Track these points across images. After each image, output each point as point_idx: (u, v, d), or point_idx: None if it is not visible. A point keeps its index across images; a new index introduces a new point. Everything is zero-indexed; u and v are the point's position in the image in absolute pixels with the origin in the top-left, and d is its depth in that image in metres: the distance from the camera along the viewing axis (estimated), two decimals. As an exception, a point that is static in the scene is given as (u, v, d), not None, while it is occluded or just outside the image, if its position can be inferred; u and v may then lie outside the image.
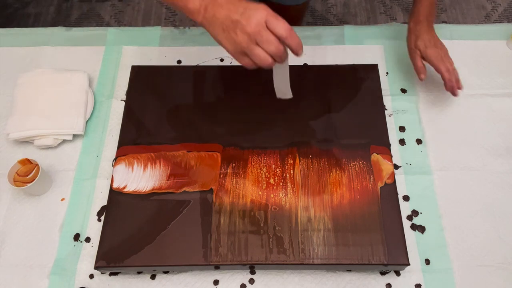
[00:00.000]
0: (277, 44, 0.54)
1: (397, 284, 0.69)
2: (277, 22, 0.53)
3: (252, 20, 0.52)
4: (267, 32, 0.53)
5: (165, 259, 0.67)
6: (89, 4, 1.81)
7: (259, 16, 0.53)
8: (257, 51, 0.54)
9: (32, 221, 0.75)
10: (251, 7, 0.53)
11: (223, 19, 0.54)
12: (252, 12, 0.53)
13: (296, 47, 0.55)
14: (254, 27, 0.52)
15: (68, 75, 0.87)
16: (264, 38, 0.53)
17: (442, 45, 0.83)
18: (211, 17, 0.55)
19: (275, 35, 0.53)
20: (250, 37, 0.53)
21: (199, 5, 0.56)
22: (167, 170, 0.75)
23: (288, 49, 0.57)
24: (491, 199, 0.76)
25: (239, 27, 0.53)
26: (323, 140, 0.77)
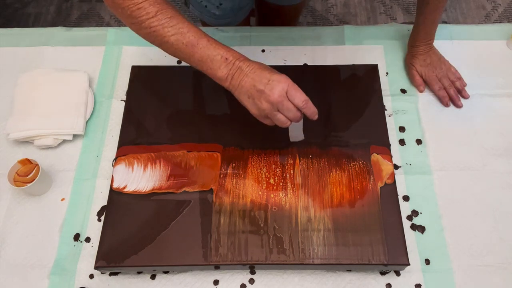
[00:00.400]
0: (295, 111, 0.61)
1: (397, 284, 0.69)
2: (295, 94, 0.60)
3: (275, 91, 0.59)
4: (288, 102, 0.60)
5: (165, 259, 0.67)
6: (89, 4, 1.82)
7: (281, 87, 0.59)
8: (279, 116, 0.62)
9: (32, 221, 0.75)
10: (274, 79, 0.60)
11: (249, 87, 0.61)
12: (275, 83, 0.59)
13: (311, 115, 0.64)
14: (277, 98, 0.59)
15: (68, 75, 0.87)
16: (285, 107, 0.60)
17: (439, 61, 0.87)
18: (238, 85, 0.62)
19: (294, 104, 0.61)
20: (273, 105, 0.60)
21: (226, 74, 0.62)
22: (167, 170, 0.75)
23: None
24: (491, 199, 0.76)
25: (263, 96, 0.60)
26: (323, 140, 0.77)
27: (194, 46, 0.61)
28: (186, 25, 0.62)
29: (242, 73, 0.61)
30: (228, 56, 0.61)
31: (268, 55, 0.92)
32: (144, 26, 0.62)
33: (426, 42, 0.86)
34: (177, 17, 0.62)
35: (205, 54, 0.62)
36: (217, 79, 0.63)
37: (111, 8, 0.64)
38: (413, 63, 0.87)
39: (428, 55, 0.87)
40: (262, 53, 0.92)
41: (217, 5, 0.94)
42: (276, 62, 0.91)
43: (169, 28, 0.61)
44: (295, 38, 0.94)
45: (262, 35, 0.95)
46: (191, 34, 0.61)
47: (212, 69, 0.62)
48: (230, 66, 0.62)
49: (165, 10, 0.61)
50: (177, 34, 0.61)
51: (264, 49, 0.93)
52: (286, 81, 0.60)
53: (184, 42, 0.61)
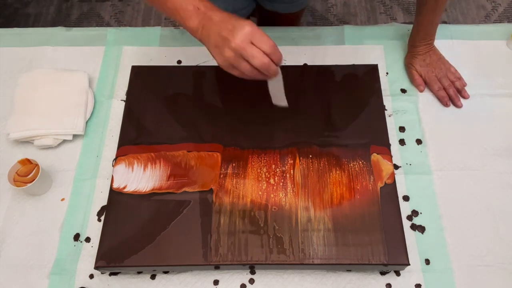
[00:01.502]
0: (261, 57, 0.57)
1: (397, 284, 0.69)
2: (261, 38, 0.57)
3: (237, 37, 0.56)
4: (251, 48, 0.57)
5: (165, 259, 0.67)
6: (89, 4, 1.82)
7: (243, 33, 0.56)
8: (244, 64, 0.58)
9: (32, 221, 0.75)
10: (237, 24, 0.57)
11: (215, 35, 0.59)
12: (238, 29, 0.57)
13: (278, 61, 0.60)
14: (240, 43, 0.56)
15: (68, 75, 0.87)
16: (249, 53, 0.57)
17: (439, 61, 0.87)
18: (207, 34, 0.60)
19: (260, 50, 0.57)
20: (236, 52, 0.57)
21: (197, 24, 0.60)
22: (167, 170, 0.75)
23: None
24: (491, 199, 0.76)
25: (226, 43, 0.57)
26: (323, 140, 0.77)
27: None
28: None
29: (211, 22, 0.59)
30: (200, 6, 0.60)
31: (268, 55, 0.92)
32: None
33: (426, 42, 0.86)
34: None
35: (177, 3, 0.60)
36: (188, 29, 0.61)
37: None
38: (413, 63, 0.87)
39: (428, 55, 0.87)
40: (262, 53, 0.92)
41: None
42: (276, 62, 0.91)
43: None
44: (295, 38, 0.94)
45: (262, 35, 0.94)
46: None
47: (184, 19, 0.61)
48: (201, 15, 0.60)
49: None
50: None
51: (264, 49, 0.93)
52: (250, 26, 0.57)
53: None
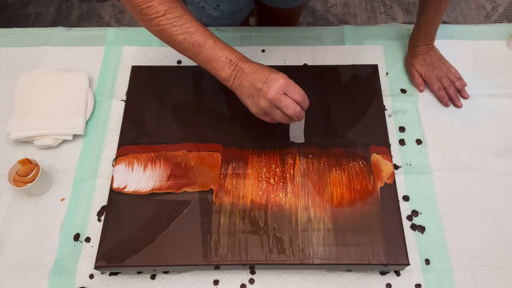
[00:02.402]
0: (294, 107, 0.63)
1: (397, 284, 0.69)
2: (294, 89, 0.62)
3: (272, 89, 0.61)
4: (285, 99, 0.62)
5: (165, 259, 0.67)
6: (89, 4, 1.81)
7: (278, 85, 0.61)
8: (277, 113, 0.63)
9: (32, 221, 0.75)
10: (271, 77, 0.62)
11: (248, 86, 0.63)
12: (273, 81, 0.61)
13: (305, 108, 0.65)
14: (275, 95, 0.61)
15: (68, 75, 0.87)
16: (283, 103, 0.62)
17: (439, 61, 0.88)
18: (239, 85, 0.64)
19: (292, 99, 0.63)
20: (271, 102, 0.62)
21: (229, 74, 0.64)
22: (167, 170, 0.75)
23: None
24: (491, 199, 0.76)
25: (261, 94, 0.62)
26: (323, 140, 0.77)
27: (200, 46, 0.63)
28: (193, 25, 0.64)
29: (243, 73, 0.63)
30: (232, 58, 0.64)
31: (268, 55, 0.92)
32: (153, 23, 0.64)
33: (427, 42, 0.86)
34: (186, 16, 0.64)
35: (210, 54, 0.64)
36: (220, 78, 0.65)
37: (123, 2, 0.65)
38: (413, 63, 0.88)
39: (428, 55, 0.87)
40: (262, 53, 0.92)
41: (215, 6, 0.94)
42: (276, 62, 0.91)
43: (177, 27, 0.63)
44: (295, 38, 0.94)
45: (262, 35, 0.95)
46: (198, 34, 0.63)
47: (216, 69, 0.64)
48: (233, 67, 0.64)
49: (174, 9, 0.63)
50: (184, 34, 0.63)
51: (264, 49, 0.93)
52: (284, 79, 0.62)
53: (191, 41, 0.63)
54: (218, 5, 0.94)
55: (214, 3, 0.94)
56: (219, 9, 0.95)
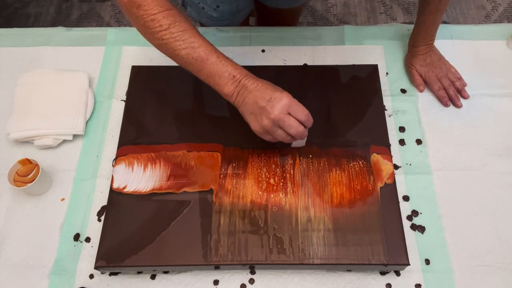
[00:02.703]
0: (297, 127, 0.62)
1: (397, 284, 0.69)
2: (298, 109, 0.62)
3: (275, 109, 0.61)
4: (289, 119, 0.62)
5: (165, 259, 0.67)
6: (89, 4, 1.82)
7: (282, 105, 0.61)
8: (279, 132, 0.63)
9: (32, 221, 0.75)
10: (275, 96, 0.61)
11: (252, 104, 0.63)
12: (277, 101, 0.61)
13: (309, 127, 0.65)
14: (278, 115, 0.61)
15: (68, 75, 0.87)
16: (286, 123, 0.62)
17: (439, 61, 0.88)
18: (242, 101, 0.64)
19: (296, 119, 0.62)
20: (274, 122, 0.62)
21: (232, 91, 0.63)
22: (167, 170, 0.75)
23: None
24: (491, 199, 0.76)
25: (264, 113, 0.62)
26: (323, 140, 0.77)
27: (203, 61, 0.63)
28: (197, 40, 0.63)
29: (247, 91, 0.63)
30: (236, 74, 0.63)
31: (268, 55, 0.92)
32: (156, 37, 0.63)
33: (427, 42, 0.86)
34: (190, 30, 0.63)
35: (213, 70, 0.63)
36: (223, 94, 0.65)
37: (126, 15, 0.65)
38: (413, 63, 0.88)
39: (428, 55, 0.87)
40: (262, 53, 0.92)
41: (214, 7, 0.94)
42: (276, 62, 0.91)
43: (181, 42, 0.62)
44: (295, 38, 0.94)
45: (262, 35, 0.95)
46: (201, 49, 0.63)
47: (219, 85, 0.64)
48: (236, 83, 0.63)
49: (178, 24, 0.63)
50: (188, 48, 0.63)
51: (264, 49, 0.93)
52: (288, 98, 0.62)
53: (194, 56, 0.63)
54: (217, 6, 0.94)
55: (214, 4, 0.94)
56: (218, 10, 0.95)
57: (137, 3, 0.62)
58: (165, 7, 0.63)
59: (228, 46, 0.93)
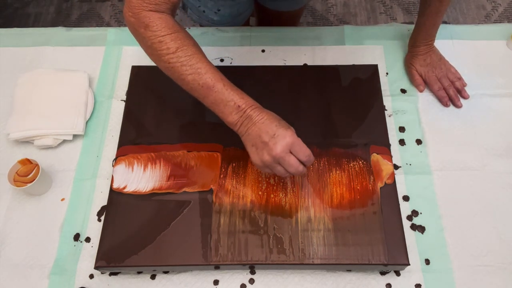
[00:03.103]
0: (297, 167, 0.61)
1: (397, 284, 0.69)
2: (299, 149, 0.61)
3: (278, 146, 0.60)
4: (289, 158, 0.60)
5: (165, 259, 0.67)
6: (89, 4, 1.82)
7: (284, 143, 0.60)
8: (279, 168, 0.62)
9: (32, 221, 0.75)
10: (279, 133, 0.60)
11: (255, 137, 0.62)
12: (280, 138, 0.60)
13: (309, 165, 0.64)
14: (280, 153, 0.60)
15: (68, 75, 0.87)
16: (287, 162, 0.61)
17: (439, 61, 0.88)
18: (245, 132, 0.63)
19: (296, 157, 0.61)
20: (274, 159, 0.60)
21: (236, 120, 0.62)
22: (167, 170, 0.75)
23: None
24: (491, 199, 0.76)
25: (266, 149, 0.60)
26: (323, 140, 0.77)
27: (209, 89, 0.62)
28: (204, 66, 0.62)
29: (251, 122, 0.62)
30: (241, 104, 0.62)
31: (268, 55, 0.92)
32: (163, 60, 0.62)
33: (427, 43, 0.86)
34: (197, 56, 0.62)
35: (218, 98, 0.62)
36: (226, 122, 0.64)
37: (133, 34, 0.64)
38: (413, 63, 0.88)
39: (428, 55, 0.87)
40: (262, 53, 0.92)
41: (215, 10, 0.94)
42: (276, 62, 0.91)
43: (187, 66, 0.61)
44: (295, 38, 0.94)
45: (262, 35, 0.95)
46: (208, 76, 0.61)
47: (224, 113, 0.62)
48: (241, 113, 0.62)
49: (186, 48, 0.61)
50: (194, 74, 0.61)
51: (264, 49, 0.93)
52: (291, 137, 0.60)
53: (200, 83, 0.61)
54: (218, 9, 0.94)
55: (215, 7, 0.94)
56: (219, 13, 0.95)
57: (145, 24, 0.61)
58: (173, 29, 0.61)
59: (228, 46, 0.93)
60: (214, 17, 0.96)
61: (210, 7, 0.94)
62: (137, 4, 0.61)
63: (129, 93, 0.84)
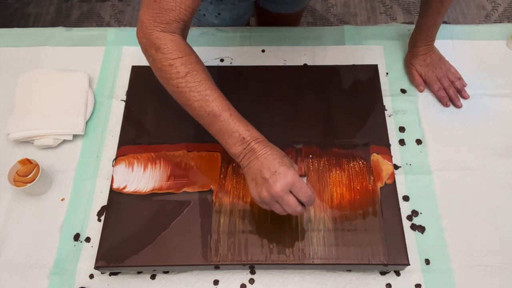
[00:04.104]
0: (295, 207, 0.59)
1: (397, 284, 0.69)
2: (300, 190, 0.59)
3: (277, 185, 0.58)
4: (288, 197, 0.59)
5: (165, 259, 0.67)
6: (89, 4, 1.82)
7: (285, 182, 0.58)
8: (276, 206, 0.60)
9: (32, 221, 0.75)
10: (281, 171, 0.58)
11: (256, 171, 0.60)
12: (281, 177, 0.58)
13: (308, 206, 0.62)
14: (279, 192, 0.58)
15: (68, 75, 0.87)
16: (285, 202, 0.59)
17: (439, 61, 0.88)
18: (247, 165, 0.61)
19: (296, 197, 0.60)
20: (273, 197, 0.59)
21: (240, 152, 0.61)
22: (167, 170, 0.75)
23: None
24: (491, 199, 0.76)
25: (266, 185, 0.59)
26: (323, 140, 0.77)
27: (215, 117, 0.61)
28: (212, 93, 0.61)
29: (254, 155, 0.60)
30: (246, 136, 0.61)
31: (268, 55, 0.92)
32: (171, 83, 0.61)
33: (427, 43, 0.86)
34: (206, 82, 0.61)
35: (224, 127, 0.61)
36: (229, 153, 0.62)
37: (144, 54, 0.63)
38: (413, 63, 0.88)
39: (429, 55, 0.87)
40: (262, 53, 0.92)
41: (216, 14, 0.94)
42: (276, 62, 0.91)
43: (195, 93, 0.60)
44: (295, 38, 0.94)
45: (262, 35, 0.95)
46: (215, 104, 0.61)
47: (228, 144, 0.61)
48: (245, 145, 0.61)
49: (196, 73, 0.61)
50: (201, 101, 0.60)
51: (264, 49, 0.93)
52: (293, 177, 0.58)
53: (207, 110, 0.60)
54: (219, 13, 0.94)
55: (215, 11, 0.94)
56: (220, 17, 0.95)
57: (156, 45, 0.60)
58: (184, 52, 0.61)
59: (228, 46, 0.93)
60: (215, 21, 0.96)
61: (211, 11, 0.94)
62: (148, 24, 0.60)
63: (129, 93, 0.84)
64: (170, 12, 0.60)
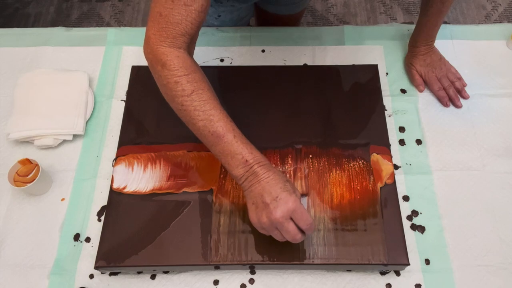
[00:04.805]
0: (295, 234, 0.58)
1: (397, 284, 0.69)
2: (301, 218, 0.58)
3: (278, 211, 0.57)
4: (288, 224, 0.58)
5: (165, 259, 0.67)
6: (89, 4, 1.82)
7: (286, 209, 0.57)
8: (276, 232, 0.59)
9: (32, 221, 0.75)
10: (282, 197, 0.58)
11: (257, 195, 0.59)
12: (282, 203, 0.57)
13: (308, 233, 0.61)
14: (279, 218, 0.57)
15: (68, 75, 0.87)
16: (285, 228, 0.58)
17: (439, 61, 0.88)
18: (248, 188, 0.60)
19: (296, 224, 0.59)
20: (273, 223, 0.58)
21: (242, 174, 0.60)
22: (167, 170, 0.75)
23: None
24: (491, 199, 0.76)
25: (266, 210, 0.58)
26: (323, 140, 0.77)
27: (219, 138, 0.60)
28: (217, 113, 0.60)
29: (256, 179, 0.59)
30: (249, 159, 0.60)
31: (268, 55, 0.92)
32: (176, 101, 0.61)
33: (427, 43, 0.86)
34: (211, 102, 0.60)
35: (227, 149, 0.60)
36: (231, 175, 0.62)
37: (150, 70, 0.63)
38: (413, 63, 0.88)
39: (429, 55, 0.87)
40: (262, 53, 0.92)
41: (216, 16, 0.94)
42: (276, 62, 0.91)
43: (200, 112, 0.60)
44: (295, 38, 0.94)
45: (262, 35, 0.95)
46: (219, 124, 0.60)
47: (230, 165, 0.61)
48: (247, 168, 0.60)
49: (201, 92, 0.60)
50: (205, 120, 0.60)
51: (264, 49, 0.93)
52: (294, 203, 0.57)
53: (210, 130, 0.60)
54: (219, 15, 0.94)
55: (215, 13, 0.94)
56: (220, 19, 0.95)
57: (162, 61, 0.59)
58: (190, 70, 0.60)
59: (228, 46, 0.93)
60: (215, 23, 0.96)
61: (211, 13, 0.94)
62: (154, 39, 0.60)
63: (129, 93, 0.84)
64: (176, 25, 0.59)
